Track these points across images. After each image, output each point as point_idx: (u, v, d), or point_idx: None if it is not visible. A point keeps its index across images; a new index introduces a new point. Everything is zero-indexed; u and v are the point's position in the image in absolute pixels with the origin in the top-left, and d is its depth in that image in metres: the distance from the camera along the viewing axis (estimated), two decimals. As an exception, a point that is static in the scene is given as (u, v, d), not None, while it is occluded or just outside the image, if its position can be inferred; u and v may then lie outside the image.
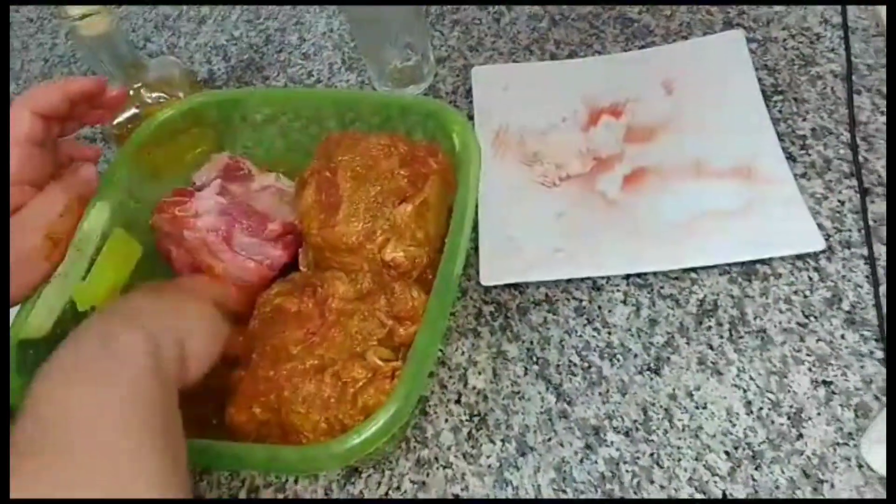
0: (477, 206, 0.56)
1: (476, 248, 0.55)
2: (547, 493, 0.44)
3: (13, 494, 0.28)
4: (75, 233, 0.47)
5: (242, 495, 0.48)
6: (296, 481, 0.48)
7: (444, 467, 0.46)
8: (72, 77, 0.75)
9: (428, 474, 0.46)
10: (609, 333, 0.50)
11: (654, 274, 0.52)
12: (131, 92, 0.62)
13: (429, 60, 0.68)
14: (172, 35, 0.82)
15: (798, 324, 0.48)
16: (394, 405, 0.37)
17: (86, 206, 0.48)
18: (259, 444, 0.41)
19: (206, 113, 0.57)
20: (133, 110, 0.62)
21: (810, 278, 0.50)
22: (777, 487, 0.42)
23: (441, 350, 0.51)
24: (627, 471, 0.44)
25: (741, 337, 0.48)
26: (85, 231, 0.48)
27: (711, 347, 0.48)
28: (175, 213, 0.50)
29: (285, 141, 0.58)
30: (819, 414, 0.44)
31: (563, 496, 0.44)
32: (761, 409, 0.45)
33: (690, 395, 0.47)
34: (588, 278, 0.53)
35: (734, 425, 0.45)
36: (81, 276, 0.47)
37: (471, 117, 0.64)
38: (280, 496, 0.47)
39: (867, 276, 0.49)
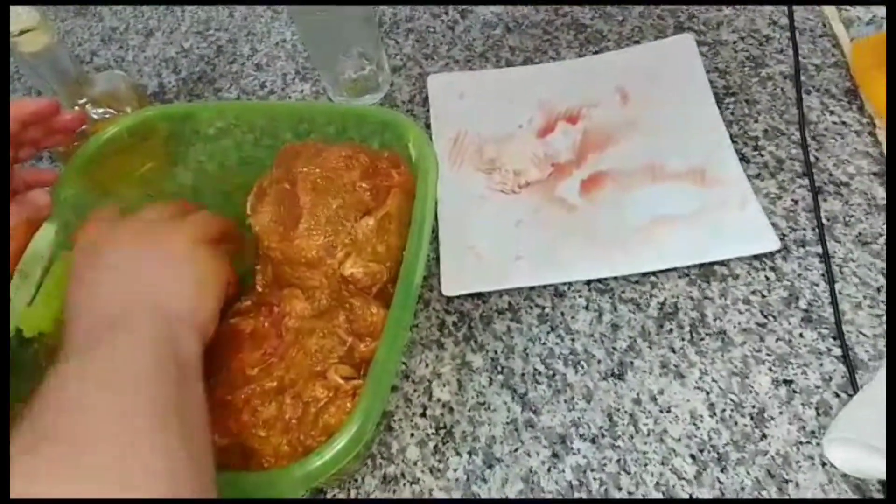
0: (437, 216, 0.55)
1: (437, 258, 0.54)
2: (515, 505, 0.44)
3: (30, 476, 0.28)
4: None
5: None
6: None
7: (411, 483, 0.46)
8: (23, 99, 0.72)
9: (394, 491, 0.46)
10: (573, 340, 0.50)
11: (615, 279, 0.52)
12: (76, 108, 0.60)
13: (384, 70, 0.67)
14: (120, 48, 0.80)
15: (757, 324, 0.48)
16: (355, 424, 0.36)
17: (34, 231, 0.47)
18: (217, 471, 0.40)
19: (155, 127, 0.55)
20: (79, 127, 0.60)
21: (767, 278, 0.50)
22: (743, 489, 0.42)
23: (405, 363, 0.51)
24: (595, 478, 0.44)
25: (702, 339, 0.49)
26: (29, 254, 0.46)
27: (673, 350, 0.48)
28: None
29: (239, 154, 0.56)
30: (781, 413, 0.45)
31: (531, 507, 0.44)
32: (724, 410, 0.45)
33: (654, 399, 0.47)
34: (550, 285, 0.52)
35: (698, 428, 0.45)
36: (27, 302, 0.45)
37: (428, 126, 0.63)
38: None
39: (822, 275, 0.50)
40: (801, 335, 0.47)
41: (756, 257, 0.51)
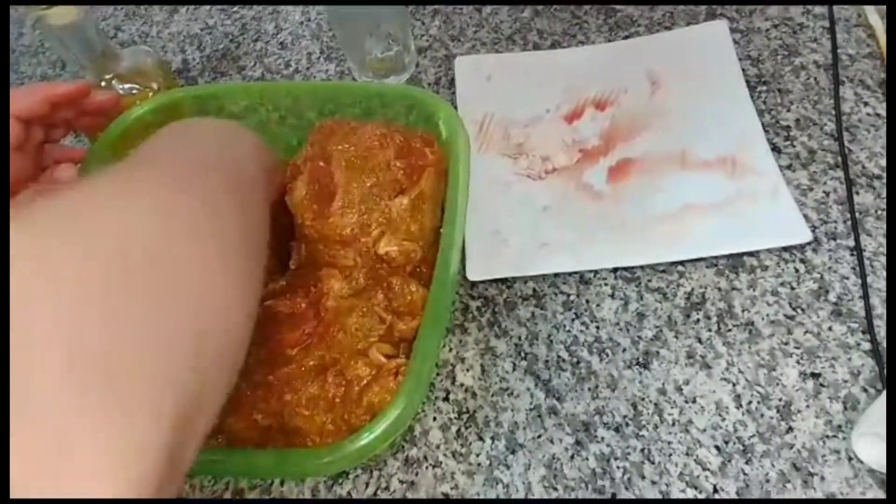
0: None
1: (462, 242, 0.54)
2: (538, 491, 0.44)
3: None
4: None
5: (227, 496, 0.47)
6: (282, 483, 0.47)
7: (434, 466, 0.46)
8: (56, 82, 0.72)
9: (417, 473, 0.46)
10: (597, 328, 0.50)
11: (642, 267, 0.52)
12: (103, 83, 0.60)
13: (410, 50, 0.66)
14: (144, 24, 0.80)
15: (785, 316, 0.48)
16: (403, 399, 0.36)
17: None
18: (266, 448, 0.40)
19: (181, 107, 0.55)
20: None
21: (797, 270, 0.50)
22: (768, 481, 0.42)
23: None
24: (618, 467, 0.44)
25: (729, 330, 0.48)
26: None
27: (700, 341, 0.48)
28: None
29: (264, 134, 0.56)
30: (808, 406, 0.44)
31: (553, 494, 0.44)
32: (750, 402, 0.45)
33: (680, 389, 0.46)
34: (575, 272, 0.52)
35: (724, 419, 0.45)
36: None
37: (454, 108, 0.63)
38: (266, 497, 0.46)
39: (853, 268, 0.49)
40: (829, 328, 0.47)
41: (786, 249, 0.50)
